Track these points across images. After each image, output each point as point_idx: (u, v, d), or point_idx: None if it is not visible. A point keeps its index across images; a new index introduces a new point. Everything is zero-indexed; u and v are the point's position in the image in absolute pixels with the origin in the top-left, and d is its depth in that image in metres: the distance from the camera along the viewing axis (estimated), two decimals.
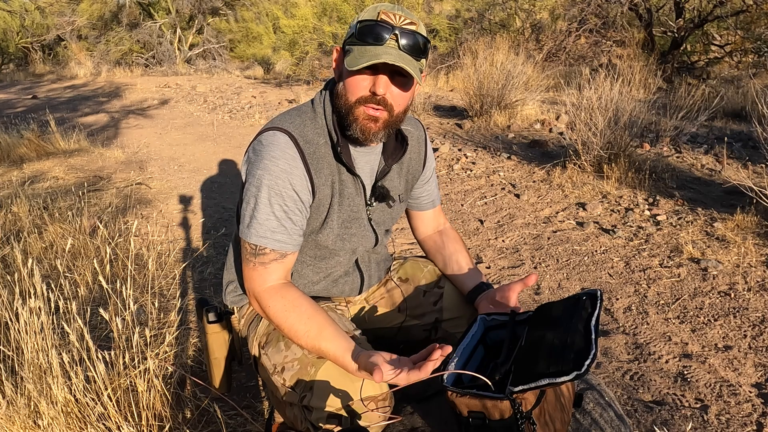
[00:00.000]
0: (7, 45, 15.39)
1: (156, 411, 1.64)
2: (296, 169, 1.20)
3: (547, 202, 3.81)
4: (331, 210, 1.28)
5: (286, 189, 1.19)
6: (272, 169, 1.18)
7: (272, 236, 1.19)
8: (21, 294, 1.72)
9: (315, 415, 1.12)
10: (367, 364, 1.04)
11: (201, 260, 3.09)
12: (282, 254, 1.20)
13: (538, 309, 1.22)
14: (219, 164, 5.27)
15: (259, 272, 1.20)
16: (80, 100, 9.54)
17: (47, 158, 5.32)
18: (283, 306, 1.17)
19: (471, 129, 5.89)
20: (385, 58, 1.11)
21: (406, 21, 1.15)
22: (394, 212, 1.40)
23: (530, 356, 1.06)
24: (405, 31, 1.14)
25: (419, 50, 1.16)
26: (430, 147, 1.49)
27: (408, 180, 1.42)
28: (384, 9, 1.15)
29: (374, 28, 1.13)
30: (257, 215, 1.19)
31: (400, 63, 1.11)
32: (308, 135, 1.24)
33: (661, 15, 9.45)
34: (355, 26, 1.17)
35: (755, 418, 1.79)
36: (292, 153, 1.20)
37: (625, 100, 4.21)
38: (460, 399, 1.01)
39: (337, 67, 1.25)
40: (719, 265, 2.77)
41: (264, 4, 13.93)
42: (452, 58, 9.65)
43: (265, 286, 1.20)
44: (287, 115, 1.27)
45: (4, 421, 1.44)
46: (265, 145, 1.21)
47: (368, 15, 1.16)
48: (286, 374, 1.19)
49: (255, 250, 1.20)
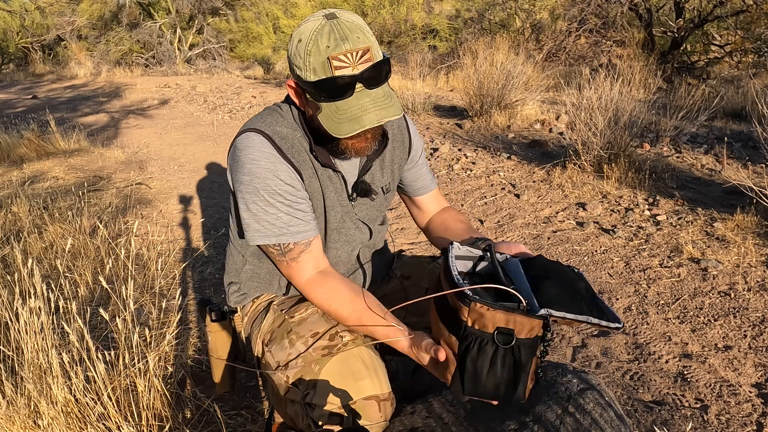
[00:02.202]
0: (7, 45, 15.39)
1: (156, 411, 1.64)
2: (280, 164, 1.19)
3: (547, 202, 3.81)
4: (327, 198, 1.28)
5: (278, 185, 1.19)
6: (257, 171, 1.18)
7: (289, 230, 1.20)
8: (21, 294, 1.72)
9: (317, 413, 1.12)
10: (427, 345, 1.07)
11: (201, 260, 3.09)
12: (307, 243, 1.22)
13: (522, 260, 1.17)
14: (219, 164, 5.27)
15: (294, 269, 1.23)
16: (80, 100, 9.54)
17: (47, 158, 5.32)
18: (324, 295, 1.21)
19: (471, 129, 5.89)
20: (365, 121, 1.08)
21: (359, 55, 1.07)
22: (379, 204, 1.40)
23: (545, 287, 1.02)
24: (366, 71, 1.08)
25: (386, 76, 1.12)
26: (414, 130, 1.46)
27: (394, 170, 1.41)
28: (332, 52, 1.06)
29: (335, 84, 1.07)
30: (266, 217, 1.19)
31: (382, 117, 1.09)
32: (282, 131, 1.23)
33: (661, 15, 9.45)
34: (312, 84, 1.10)
35: (755, 418, 1.79)
36: (270, 151, 1.19)
37: (625, 100, 4.21)
38: (491, 312, 0.95)
39: (299, 100, 1.21)
40: (719, 265, 2.77)
41: (264, 4, 13.93)
42: (452, 58, 9.66)
43: (304, 279, 1.23)
44: (258, 116, 1.27)
45: (4, 421, 1.44)
46: (242, 149, 1.20)
47: (317, 61, 1.07)
48: (289, 371, 1.19)
49: (282, 250, 1.22)
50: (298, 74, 1.13)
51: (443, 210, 1.54)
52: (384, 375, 1.18)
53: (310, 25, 1.10)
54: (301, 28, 1.11)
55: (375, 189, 1.36)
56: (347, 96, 1.09)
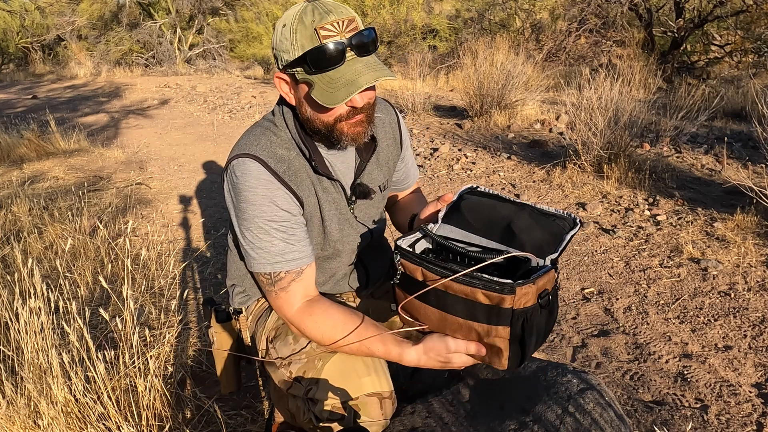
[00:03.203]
0: (7, 45, 15.39)
1: (156, 411, 1.64)
2: (276, 191, 1.17)
3: (547, 202, 3.81)
4: (325, 216, 1.27)
5: (275, 212, 1.17)
6: (253, 199, 1.16)
7: (283, 258, 1.18)
8: (21, 294, 1.72)
9: (319, 408, 1.13)
10: (448, 348, 1.05)
11: (201, 260, 3.09)
12: (298, 272, 1.19)
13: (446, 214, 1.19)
14: (219, 164, 5.27)
15: (283, 299, 1.19)
16: (80, 100, 9.54)
17: (47, 158, 5.32)
18: (315, 323, 1.17)
19: (471, 129, 5.89)
20: (362, 82, 1.06)
21: (345, 24, 1.07)
22: (377, 203, 1.40)
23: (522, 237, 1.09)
24: (354, 37, 1.07)
25: (374, 44, 1.11)
26: (404, 126, 1.45)
27: (389, 167, 1.41)
28: (317, 23, 1.06)
29: (325, 53, 1.06)
30: (261, 245, 1.17)
31: (377, 78, 1.07)
32: (278, 152, 1.20)
33: (661, 15, 9.45)
34: (299, 58, 1.08)
35: (755, 418, 1.79)
36: (266, 177, 1.17)
37: (625, 100, 4.20)
38: (531, 287, 0.96)
39: (292, 95, 1.19)
40: (719, 265, 2.77)
41: (264, 4, 13.93)
42: (452, 58, 9.66)
43: (293, 310, 1.19)
44: (251, 135, 1.23)
45: (4, 421, 1.44)
46: (239, 176, 1.18)
47: (304, 36, 1.07)
48: (292, 367, 1.20)
49: (271, 279, 1.19)
50: (287, 59, 1.11)
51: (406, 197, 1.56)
52: (386, 373, 1.18)
53: (292, 11, 1.10)
54: (284, 16, 1.12)
55: (373, 189, 1.35)
56: (339, 64, 1.07)
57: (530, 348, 1.01)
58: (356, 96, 1.10)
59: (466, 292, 0.98)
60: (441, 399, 1.30)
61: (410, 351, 1.09)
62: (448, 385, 1.34)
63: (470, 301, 0.99)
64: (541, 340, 1.04)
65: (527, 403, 1.20)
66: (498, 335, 0.99)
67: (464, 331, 1.03)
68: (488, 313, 0.98)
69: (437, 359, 1.07)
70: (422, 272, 1.04)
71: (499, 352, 1.01)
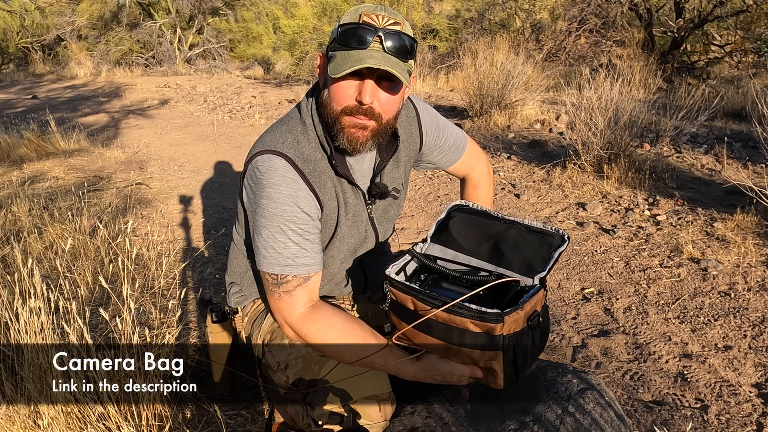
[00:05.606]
0: (7, 45, 15.38)
1: (156, 411, 1.64)
2: (300, 191, 1.16)
3: (547, 202, 3.81)
4: (339, 220, 1.26)
5: (296, 213, 1.15)
6: (276, 197, 1.14)
7: (294, 261, 1.16)
8: (21, 294, 1.72)
9: (317, 412, 1.12)
10: (451, 371, 1.09)
11: (201, 260, 3.09)
12: (306, 278, 1.17)
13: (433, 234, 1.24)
14: (219, 164, 5.27)
15: (285, 302, 1.17)
16: (80, 100, 9.54)
17: (47, 158, 5.31)
18: (318, 330, 1.15)
19: (471, 129, 5.89)
20: (369, 62, 1.06)
21: (389, 21, 1.10)
22: (395, 203, 1.39)
23: (510, 257, 1.13)
24: (389, 32, 1.08)
25: (406, 51, 1.11)
26: (425, 117, 1.41)
27: (407, 165, 1.39)
28: (366, 10, 1.10)
29: (356, 31, 1.08)
30: (274, 245, 1.16)
31: (386, 66, 1.07)
32: (305, 152, 1.19)
33: (661, 15, 9.45)
34: (336, 31, 1.11)
35: (755, 418, 1.79)
36: (292, 176, 1.15)
37: (625, 100, 4.20)
38: (519, 313, 1.00)
39: (321, 74, 1.20)
40: (719, 265, 2.77)
41: (264, 4, 13.93)
42: (452, 58, 9.65)
43: (296, 314, 1.17)
44: (277, 132, 1.22)
45: (4, 421, 1.44)
46: (263, 172, 1.16)
47: (350, 18, 1.11)
48: (289, 371, 1.19)
49: (277, 280, 1.17)
50: (331, 38, 1.14)
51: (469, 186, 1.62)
52: (384, 375, 1.18)
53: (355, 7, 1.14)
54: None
55: (391, 188, 1.34)
56: (363, 47, 1.08)
57: (524, 368, 1.06)
58: (365, 87, 1.10)
59: (457, 322, 1.02)
60: (441, 399, 1.30)
61: (409, 368, 1.12)
62: (448, 385, 1.33)
63: (461, 329, 1.02)
64: (536, 356, 1.09)
65: (527, 403, 1.20)
66: (492, 359, 1.04)
67: (459, 356, 1.07)
68: (480, 340, 1.02)
69: (435, 378, 1.11)
70: (413, 302, 1.07)
71: (494, 374, 1.06)
